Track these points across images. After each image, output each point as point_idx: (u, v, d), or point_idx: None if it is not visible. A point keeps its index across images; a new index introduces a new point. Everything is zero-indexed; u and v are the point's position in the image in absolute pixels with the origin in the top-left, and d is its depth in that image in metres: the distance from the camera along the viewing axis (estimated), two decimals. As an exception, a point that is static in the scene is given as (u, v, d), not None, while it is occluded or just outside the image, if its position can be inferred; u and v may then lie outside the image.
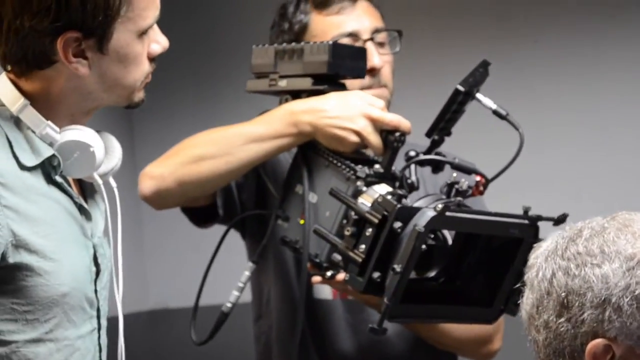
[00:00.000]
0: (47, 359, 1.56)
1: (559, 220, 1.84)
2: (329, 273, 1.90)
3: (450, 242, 1.86)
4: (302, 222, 1.94)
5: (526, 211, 1.82)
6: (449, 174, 1.97)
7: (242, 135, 2.00)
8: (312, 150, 1.97)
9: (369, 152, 2.00)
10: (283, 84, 1.98)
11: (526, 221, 1.83)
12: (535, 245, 1.46)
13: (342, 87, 2.01)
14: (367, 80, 2.07)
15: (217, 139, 2.02)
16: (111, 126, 3.65)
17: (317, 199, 1.93)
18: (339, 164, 1.92)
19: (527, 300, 1.42)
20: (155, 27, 1.63)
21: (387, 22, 2.19)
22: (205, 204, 2.15)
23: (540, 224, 1.84)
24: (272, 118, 1.99)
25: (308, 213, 1.91)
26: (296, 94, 1.99)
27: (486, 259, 1.87)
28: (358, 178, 1.86)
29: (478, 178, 1.91)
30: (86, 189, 1.69)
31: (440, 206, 1.71)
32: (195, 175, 2.02)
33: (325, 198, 1.91)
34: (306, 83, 1.97)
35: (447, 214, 1.73)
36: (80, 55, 1.56)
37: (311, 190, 1.94)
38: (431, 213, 1.72)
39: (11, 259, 1.51)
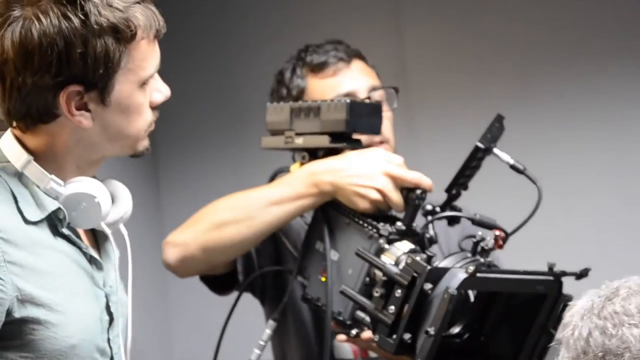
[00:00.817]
0: None
1: (581, 275, 1.84)
2: (354, 331, 1.89)
3: (472, 298, 1.85)
4: (323, 279, 1.94)
5: (551, 267, 1.82)
6: (465, 227, 1.97)
7: (263, 198, 2.00)
8: (332, 209, 1.97)
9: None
10: (300, 141, 1.99)
11: (551, 277, 1.83)
12: (569, 303, 1.44)
13: (359, 144, 2.01)
14: (366, 137, 2.08)
15: (239, 204, 2.03)
16: (136, 177, 3.69)
17: (339, 257, 1.93)
18: (361, 222, 1.91)
19: (563, 359, 1.40)
20: (157, 76, 1.64)
21: (408, 73, 2.21)
22: (224, 272, 2.16)
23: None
24: (293, 180, 1.99)
25: (330, 270, 1.91)
26: (313, 152, 2.00)
27: (509, 315, 1.86)
28: (381, 236, 1.86)
29: (497, 232, 1.90)
30: (99, 237, 1.69)
31: (471, 268, 1.72)
32: (218, 241, 2.03)
33: (348, 255, 1.91)
34: (324, 141, 1.97)
35: (478, 275, 1.73)
36: (83, 108, 1.57)
37: (332, 248, 1.93)
38: (462, 275, 1.73)
39: (17, 314, 1.51)
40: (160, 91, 1.65)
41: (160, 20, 1.61)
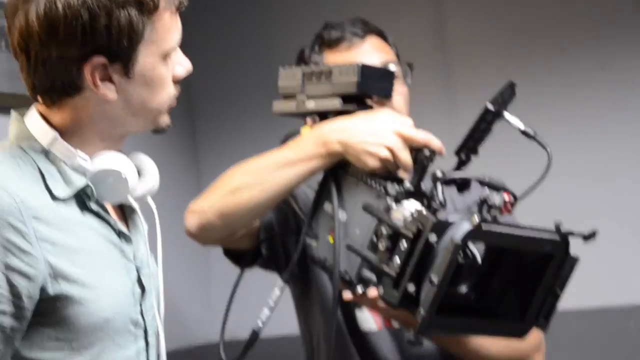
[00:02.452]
0: None
1: (589, 237, 1.83)
2: (359, 289, 1.91)
3: (479, 259, 1.86)
4: (331, 240, 1.96)
5: (558, 226, 1.81)
6: (475, 194, 1.97)
7: (274, 162, 2.03)
8: (341, 170, 1.99)
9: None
10: (311, 105, 2.01)
11: (557, 237, 1.82)
12: None
13: (370, 108, 2.03)
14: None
15: (251, 169, 2.06)
16: (175, 149, 3.71)
17: (347, 217, 1.95)
18: (369, 182, 1.93)
19: None
20: (179, 50, 1.67)
21: (447, 46, 2.21)
22: (248, 246, 2.20)
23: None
24: (302, 141, 2.02)
25: (338, 230, 1.93)
26: (324, 115, 2.02)
27: (516, 276, 1.85)
28: (388, 195, 1.87)
29: (506, 196, 1.90)
30: (127, 211, 1.73)
31: (476, 219, 1.71)
32: (233, 205, 2.06)
33: (355, 215, 1.92)
34: (335, 104, 1.99)
35: (484, 227, 1.73)
36: (107, 80, 1.60)
37: (340, 208, 1.95)
38: (467, 226, 1.72)
39: (51, 291, 1.53)
40: (182, 65, 1.67)
41: None
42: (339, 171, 1.99)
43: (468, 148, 1.96)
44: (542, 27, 3.52)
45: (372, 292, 1.89)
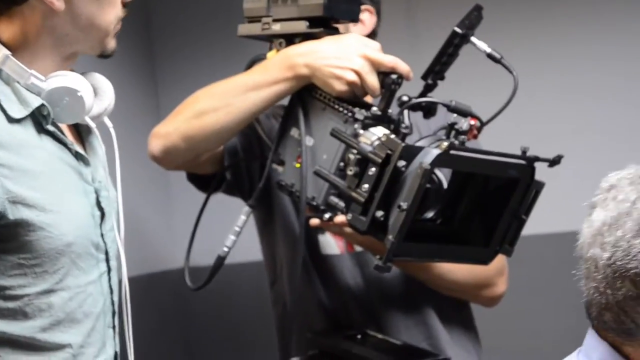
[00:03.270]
0: (62, 308, 1.57)
1: (554, 162, 1.84)
2: (327, 215, 1.91)
3: (445, 185, 1.86)
4: (298, 165, 1.95)
5: (524, 152, 1.81)
6: (441, 119, 1.97)
7: (240, 85, 2.00)
8: (308, 94, 1.97)
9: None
10: (277, 27, 1.98)
11: (524, 162, 1.82)
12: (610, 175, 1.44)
13: (337, 31, 2.00)
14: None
15: (217, 92, 2.04)
16: (134, 73, 3.67)
17: (314, 142, 1.93)
18: (336, 106, 1.91)
19: (597, 217, 1.40)
20: None
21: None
22: (212, 171, 2.18)
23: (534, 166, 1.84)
24: (269, 65, 1.99)
25: (305, 155, 1.92)
26: (290, 38, 1.99)
27: (482, 201, 1.86)
28: (356, 120, 1.86)
29: (473, 121, 1.90)
30: (83, 133, 1.70)
31: (444, 145, 1.70)
32: (198, 129, 2.04)
33: (323, 141, 1.91)
34: (301, 26, 1.96)
35: (452, 152, 1.72)
36: None
37: (307, 133, 1.94)
38: (436, 151, 1.71)
39: (11, 216, 1.51)
40: None
41: None
42: (305, 95, 1.97)
43: (435, 72, 1.95)
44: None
45: (340, 218, 1.89)
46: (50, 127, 1.58)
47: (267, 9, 1.99)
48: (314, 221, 1.95)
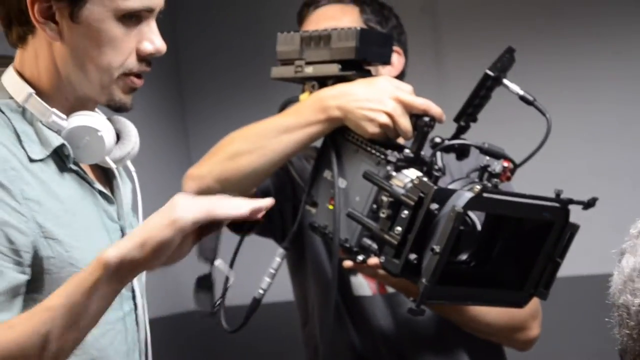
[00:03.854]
0: (93, 345, 1.57)
1: (589, 204, 1.83)
2: (360, 257, 1.90)
3: (479, 227, 1.85)
4: (331, 207, 1.95)
5: (558, 194, 1.80)
6: (473, 161, 1.96)
7: (273, 127, 2.01)
8: (340, 136, 1.97)
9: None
10: (309, 70, 1.99)
11: (558, 204, 1.81)
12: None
13: (369, 74, 2.01)
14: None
15: (251, 134, 2.04)
16: (164, 117, 3.69)
17: (347, 184, 1.93)
18: (369, 149, 1.91)
19: (627, 263, 1.39)
20: (153, 26, 1.62)
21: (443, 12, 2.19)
22: None
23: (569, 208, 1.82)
24: (301, 107, 2.00)
25: (338, 197, 1.92)
26: (323, 81, 2.00)
27: (516, 243, 1.85)
28: (388, 162, 1.86)
29: (506, 164, 1.89)
30: (108, 173, 1.70)
31: (477, 188, 1.70)
32: (232, 171, 2.04)
33: (355, 183, 1.91)
34: (333, 69, 1.97)
35: (484, 195, 1.71)
36: (51, 19, 1.56)
37: (340, 175, 1.94)
38: (469, 194, 1.70)
39: (43, 252, 1.51)
40: (152, 42, 1.61)
41: None
42: (338, 138, 1.97)
43: (467, 115, 1.95)
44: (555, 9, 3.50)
45: (373, 260, 1.88)
46: (72, 166, 1.59)
47: (300, 51, 2.00)
48: (347, 263, 1.95)
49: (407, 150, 1.88)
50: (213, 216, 1.52)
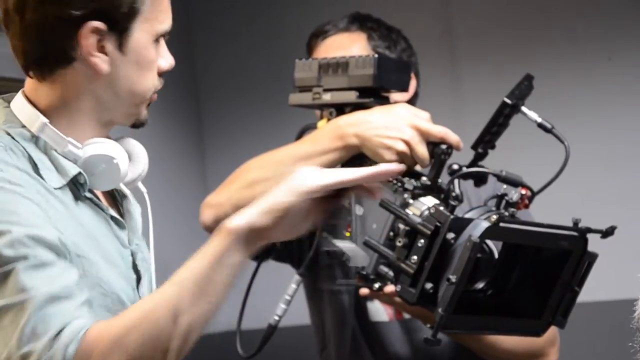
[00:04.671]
0: None
1: (607, 233, 1.82)
2: (376, 285, 1.90)
3: (496, 255, 1.85)
4: (348, 234, 1.94)
5: (576, 223, 1.79)
6: (491, 188, 1.96)
7: (291, 155, 2.02)
8: (358, 164, 1.97)
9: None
10: (327, 97, 1.99)
11: (576, 233, 1.81)
12: None
13: (387, 101, 2.01)
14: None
15: (269, 162, 2.05)
16: (181, 141, 3.70)
17: (364, 212, 1.93)
18: None
19: None
20: (164, 43, 1.64)
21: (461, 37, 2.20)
22: None
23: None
24: (319, 135, 2.00)
25: (355, 224, 1.91)
26: (340, 108, 2.00)
27: (533, 272, 1.84)
28: (405, 190, 1.86)
29: (524, 191, 1.89)
30: (117, 197, 1.71)
31: (494, 217, 1.69)
32: (250, 199, 2.01)
33: (372, 210, 1.91)
34: (351, 96, 1.97)
35: (501, 224, 1.71)
36: (101, 52, 1.57)
37: (357, 202, 1.94)
38: (485, 224, 1.70)
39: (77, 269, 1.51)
40: (166, 59, 1.64)
41: None
42: (355, 164, 1.97)
43: (485, 142, 1.94)
44: (549, 17, 3.50)
45: (389, 288, 1.88)
46: (87, 194, 1.60)
47: (318, 78, 2.00)
48: (364, 291, 1.95)
49: (424, 178, 1.88)
50: (340, 181, 1.56)
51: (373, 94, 1.98)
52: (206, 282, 1.49)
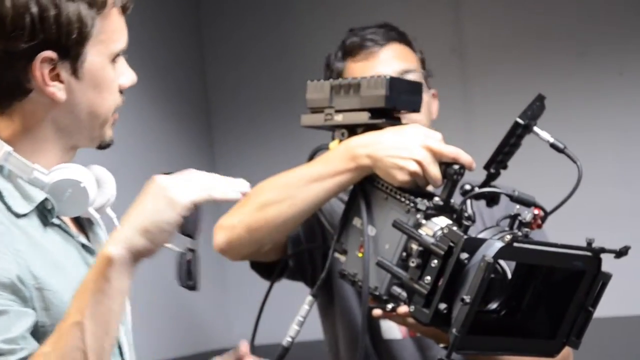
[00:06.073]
0: None
1: (621, 253, 1.81)
2: (389, 306, 1.90)
3: (509, 275, 1.84)
4: (360, 255, 1.94)
5: (589, 243, 1.79)
6: (504, 208, 1.96)
7: (303, 177, 2.02)
8: (370, 184, 1.97)
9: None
10: (339, 118, 2.00)
11: (589, 253, 1.81)
12: None
13: (398, 122, 2.01)
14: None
15: (280, 184, 2.05)
16: (192, 161, 3.72)
17: (376, 232, 1.93)
18: (398, 196, 1.91)
19: None
20: (123, 60, 1.64)
21: (465, 47, 2.20)
22: (275, 259, 2.19)
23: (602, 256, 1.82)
24: (331, 156, 2.00)
25: (367, 245, 1.92)
26: (352, 129, 2.00)
27: (547, 292, 1.84)
28: (418, 210, 1.86)
29: (537, 211, 1.88)
30: (84, 225, 1.69)
31: (508, 237, 1.69)
32: (262, 221, 2.05)
33: (385, 231, 1.91)
34: (363, 117, 1.97)
35: (515, 245, 1.71)
36: (56, 80, 1.56)
37: (370, 223, 1.94)
38: (499, 244, 1.70)
39: (36, 303, 1.50)
40: (126, 75, 1.63)
41: None
42: (367, 185, 1.97)
43: (497, 162, 1.94)
44: (559, 31, 3.50)
45: (403, 309, 1.88)
46: (55, 221, 1.58)
47: (330, 99, 2.01)
48: (377, 312, 1.95)
49: (436, 198, 1.88)
50: (212, 199, 1.52)
51: (385, 115, 1.98)
52: (105, 313, 1.46)
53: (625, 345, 2.82)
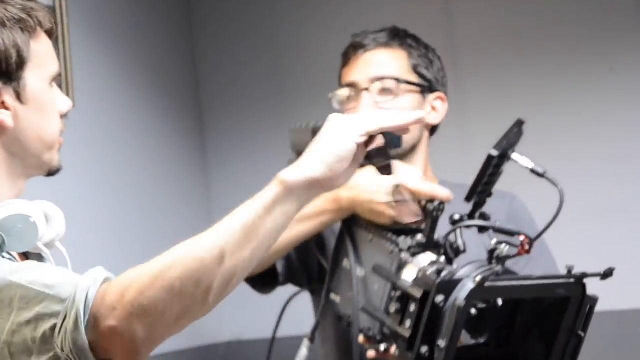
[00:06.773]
0: None
1: (606, 275, 1.82)
2: (382, 347, 1.93)
3: (500, 303, 1.86)
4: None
5: (570, 270, 1.80)
6: (505, 220, 1.97)
7: None
8: (355, 225, 2.01)
9: None
10: None
11: (571, 280, 1.82)
12: None
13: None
14: None
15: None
16: (186, 179, 3.72)
17: (365, 273, 1.96)
18: (381, 238, 1.95)
19: None
20: (56, 86, 1.65)
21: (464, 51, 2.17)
22: (264, 271, 2.23)
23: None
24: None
25: (356, 287, 1.95)
26: None
27: (536, 320, 1.86)
28: (401, 250, 1.89)
29: (522, 237, 1.89)
30: (31, 258, 1.68)
31: (478, 278, 1.71)
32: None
33: (372, 272, 1.94)
34: None
35: (487, 285, 1.72)
36: (2, 107, 1.58)
37: (358, 264, 1.97)
38: (470, 285, 1.72)
39: None
40: (63, 100, 1.65)
41: (51, 18, 1.63)
42: (353, 226, 2.01)
43: (479, 193, 1.95)
44: (551, 28, 3.49)
45: (393, 349, 1.90)
46: (5, 255, 1.58)
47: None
48: (371, 354, 1.97)
49: (419, 236, 1.90)
50: (384, 128, 1.58)
51: (367, 157, 2.00)
52: (253, 229, 1.48)
53: (618, 340, 2.83)
